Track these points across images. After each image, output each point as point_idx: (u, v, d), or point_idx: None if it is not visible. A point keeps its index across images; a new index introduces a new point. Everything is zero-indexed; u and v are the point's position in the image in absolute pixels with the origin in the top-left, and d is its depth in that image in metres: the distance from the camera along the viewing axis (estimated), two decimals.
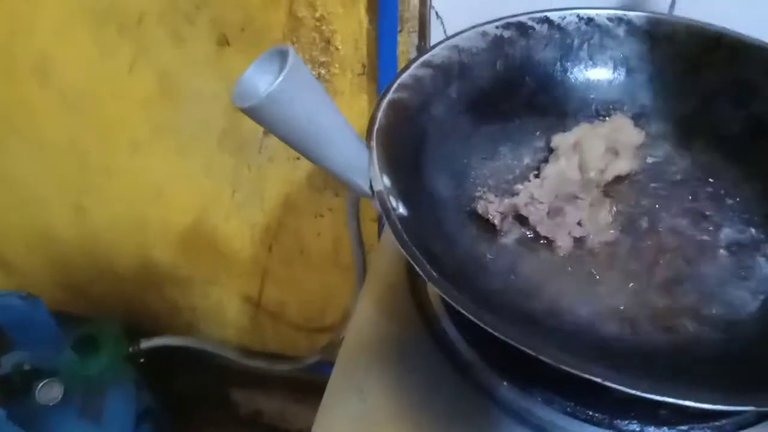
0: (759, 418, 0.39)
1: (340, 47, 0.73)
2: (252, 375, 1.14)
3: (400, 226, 0.36)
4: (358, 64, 0.74)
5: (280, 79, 0.30)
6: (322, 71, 0.75)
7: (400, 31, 0.69)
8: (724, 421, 0.39)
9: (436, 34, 0.68)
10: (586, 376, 0.29)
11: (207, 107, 0.82)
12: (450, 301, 0.32)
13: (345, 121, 0.36)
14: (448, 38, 0.49)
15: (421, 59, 0.47)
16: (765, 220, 0.46)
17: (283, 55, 0.31)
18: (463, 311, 0.32)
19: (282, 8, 0.71)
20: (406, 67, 0.47)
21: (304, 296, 1.04)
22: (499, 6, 0.55)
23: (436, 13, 0.64)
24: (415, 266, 0.34)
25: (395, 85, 0.45)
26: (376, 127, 0.42)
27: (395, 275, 0.48)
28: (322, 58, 0.74)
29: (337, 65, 0.74)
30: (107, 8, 0.76)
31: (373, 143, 0.41)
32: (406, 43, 0.69)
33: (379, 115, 0.43)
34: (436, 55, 0.48)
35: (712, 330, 0.40)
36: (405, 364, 0.43)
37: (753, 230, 0.45)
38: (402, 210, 0.40)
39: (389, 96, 0.44)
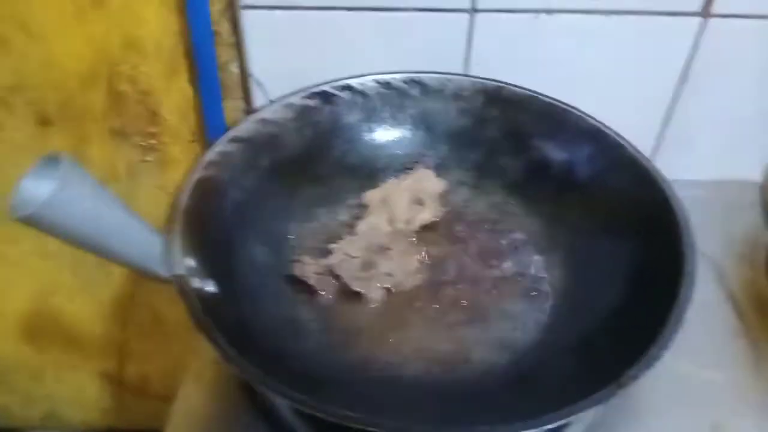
0: None
1: (167, 118, 0.73)
2: None
3: (198, 308, 0.37)
4: (188, 133, 0.74)
5: (53, 187, 0.31)
6: (153, 142, 0.75)
7: (225, 98, 0.70)
8: None
9: (260, 100, 0.70)
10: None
11: None
12: (242, 376, 0.34)
13: (132, 216, 0.37)
14: (254, 111, 0.52)
15: (229, 135, 0.49)
16: (548, 250, 0.52)
17: (58, 162, 0.32)
18: (256, 385, 0.34)
19: (101, 85, 0.71)
20: (213, 145, 0.48)
21: (166, 366, 1.01)
22: (313, 71, 0.58)
23: (256, 80, 0.67)
24: (213, 347, 0.35)
25: (202, 164, 0.46)
26: (180, 208, 0.43)
27: None
28: (151, 130, 0.74)
29: (167, 135, 0.75)
30: None
31: (176, 227, 0.42)
32: (234, 108, 0.71)
33: (184, 196, 0.44)
34: (243, 129, 0.51)
35: (502, 356, 0.44)
36: None
37: (539, 259, 0.51)
38: (211, 288, 0.41)
39: (195, 175, 0.45)
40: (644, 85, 0.66)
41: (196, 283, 0.40)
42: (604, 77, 0.65)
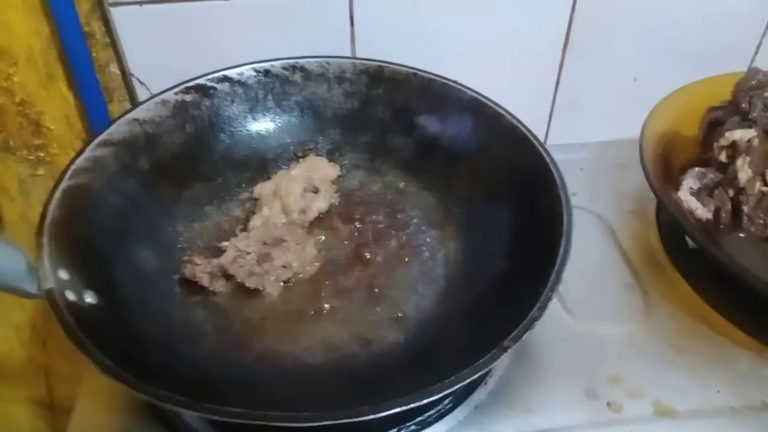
0: (455, 405, 0.44)
1: (52, 127, 0.70)
2: None
3: (69, 322, 0.35)
4: (77, 141, 0.71)
5: None
6: (41, 154, 0.71)
7: (110, 101, 0.68)
8: (426, 415, 0.43)
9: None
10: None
11: None
12: (122, 386, 0.33)
13: None
14: (125, 112, 0.50)
15: (98, 139, 0.47)
16: (441, 224, 0.52)
17: None
18: (139, 393, 0.32)
19: None
20: (81, 151, 0.46)
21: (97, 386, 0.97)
22: (196, 65, 0.56)
23: (138, 80, 0.64)
24: (88, 359, 0.34)
25: (69, 172, 0.44)
26: (47, 221, 0.41)
27: None
28: (36, 141, 0.71)
29: (54, 145, 0.71)
30: None
31: (44, 239, 0.40)
32: (121, 111, 0.68)
33: (52, 207, 0.42)
34: (114, 132, 0.48)
35: (402, 334, 0.45)
36: None
37: (433, 234, 0.51)
38: (90, 300, 0.40)
39: (63, 185, 0.43)
40: (532, 53, 0.67)
41: (71, 296, 0.38)
42: (492, 49, 0.65)
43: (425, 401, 0.34)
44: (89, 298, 0.40)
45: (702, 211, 0.52)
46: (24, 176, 0.73)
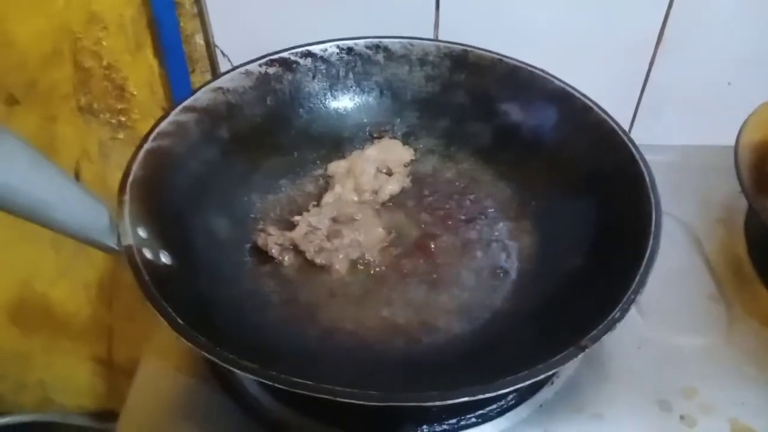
0: (518, 402, 0.43)
1: (135, 93, 0.72)
2: None
3: (145, 279, 0.36)
4: (157, 108, 0.73)
5: None
6: (122, 118, 0.74)
7: (193, 71, 0.69)
8: (488, 408, 0.42)
9: None
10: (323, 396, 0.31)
11: None
12: (192, 347, 0.33)
13: (75, 186, 0.36)
14: (210, 81, 0.50)
15: (182, 105, 0.48)
16: (516, 216, 0.50)
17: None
18: (207, 356, 0.33)
19: (66, 62, 0.69)
20: (165, 115, 0.47)
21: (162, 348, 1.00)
22: (278, 40, 0.56)
23: (222, 52, 0.65)
24: (162, 318, 0.34)
25: (153, 135, 0.45)
26: (130, 179, 0.42)
27: None
28: (119, 106, 0.73)
29: (136, 110, 0.73)
30: None
31: (126, 197, 0.40)
32: (201, 82, 0.70)
33: (134, 167, 0.42)
34: (199, 99, 0.49)
35: (469, 325, 0.43)
36: (195, 414, 0.43)
37: (506, 226, 0.50)
38: (166, 260, 0.40)
39: (146, 146, 0.44)
40: (621, 49, 0.64)
41: (148, 254, 0.39)
42: (579, 42, 0.63)
43: (494, 393, 0.33)
44: (165, 258, 0.40)
45: None
46: (105, 139, 0.75)
